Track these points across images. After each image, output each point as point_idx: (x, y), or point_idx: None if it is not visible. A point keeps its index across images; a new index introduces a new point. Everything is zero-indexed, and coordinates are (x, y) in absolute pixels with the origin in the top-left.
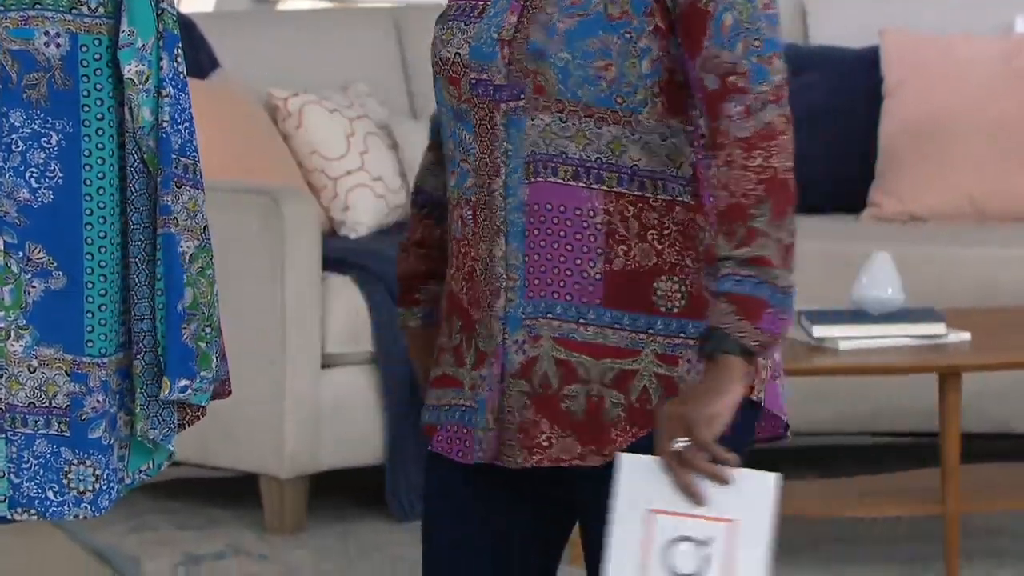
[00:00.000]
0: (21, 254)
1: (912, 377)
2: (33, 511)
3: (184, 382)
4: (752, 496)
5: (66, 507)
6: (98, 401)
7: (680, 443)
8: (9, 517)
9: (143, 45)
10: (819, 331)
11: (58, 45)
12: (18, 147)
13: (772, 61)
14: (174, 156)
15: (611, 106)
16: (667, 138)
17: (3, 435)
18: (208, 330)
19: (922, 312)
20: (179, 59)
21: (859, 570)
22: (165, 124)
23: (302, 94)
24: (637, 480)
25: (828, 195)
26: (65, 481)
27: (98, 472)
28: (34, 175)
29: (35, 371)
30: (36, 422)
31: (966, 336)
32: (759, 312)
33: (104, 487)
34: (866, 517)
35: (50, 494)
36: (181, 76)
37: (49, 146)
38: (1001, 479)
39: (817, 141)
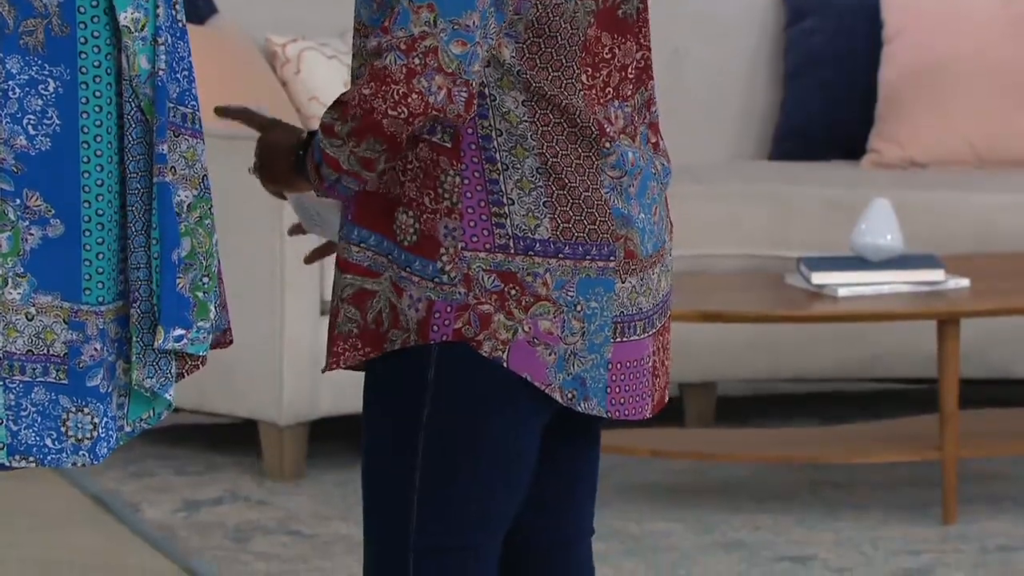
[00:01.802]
0: (19, 201)
1: (911, 323)
2: (31, 458)
3: (179, 331)
4: None
5: (64, 454)
6: (96, 349)
7: (251, 169)
8: (7, 464)
9: None
10: (818, 278)
11: None
12: (15, 94)
13: (420, 12)
14: (171, 105)
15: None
16: None
17: (1, 383)
18: (206, 280)
19: (921, 258)
20: (177, 7)
21: (857, 515)
22: (161, 72)
23: (301, 40)
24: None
25: (828, 141)
26: (63, 429)
27: (96, 420)
28: (31, 122)
29: (33, 319)
30: (34, 370)
31: (965, 282)
32: (321, 179)
33: (102, 435)
34: (865, 463)
35: (48, 441)
36: (179, 24)
37: (46, 93)
38: (999, 425)
39: (817, 87)
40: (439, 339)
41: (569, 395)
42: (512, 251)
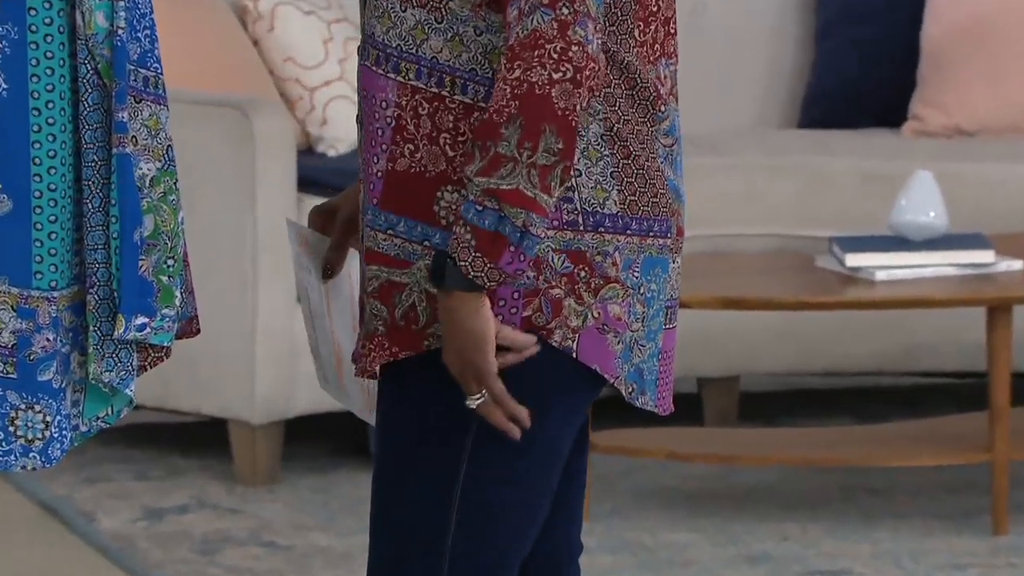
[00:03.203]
0: None
1: (957, 311)
2: None
3: (142, 320)
4: None
5: (12, 457)
6: (48, 340)
7: (474, 400)
8: None
9: None
10: (853, 260)
11: None
12: None
13: None
14: (132, 67)
15: None
16: (482, 33)
17: None
18: (171, 262)
19: (968, 238)
20: None
21: (897, 524)
22: (121, 31)
23: None
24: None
25: (864, 107)
26: (11, 428)
27: (48, 419)
28: None
29: None
30: None
31: (1017, 264)
32: (501, 250)
33: (55, 435)
34: (905, 466)
35: None
36: None
37: None
38: None
39: (851, 46)
40: None
41: (630, 388)
42: (581, 228)
